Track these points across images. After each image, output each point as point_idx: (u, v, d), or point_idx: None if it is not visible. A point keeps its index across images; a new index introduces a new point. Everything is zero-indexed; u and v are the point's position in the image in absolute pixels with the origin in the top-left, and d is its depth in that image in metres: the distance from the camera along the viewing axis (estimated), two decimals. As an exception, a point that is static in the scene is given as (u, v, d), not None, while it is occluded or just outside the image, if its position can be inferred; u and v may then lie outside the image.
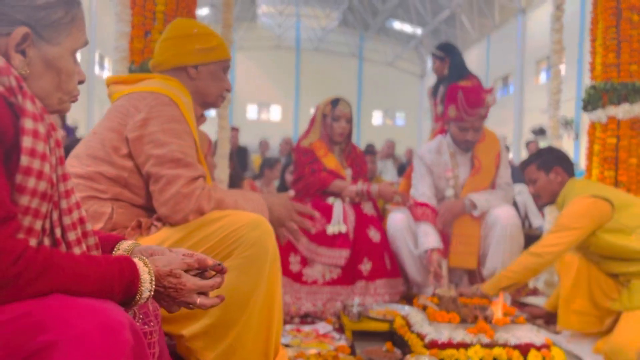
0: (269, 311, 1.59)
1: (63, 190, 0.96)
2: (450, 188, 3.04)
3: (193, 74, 1.83)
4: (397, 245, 3.03)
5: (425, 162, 3.11)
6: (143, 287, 0.96)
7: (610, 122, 3.11)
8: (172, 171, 1.60)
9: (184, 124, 1.68)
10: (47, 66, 0.99)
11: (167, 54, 1.83)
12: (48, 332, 0.79)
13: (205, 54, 1.83)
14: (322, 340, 2.35)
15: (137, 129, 1.64)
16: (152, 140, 1.62)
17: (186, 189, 1.60)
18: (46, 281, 0.84)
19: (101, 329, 0.80)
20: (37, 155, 0.88)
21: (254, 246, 1.54)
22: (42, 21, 0.97)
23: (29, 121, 0.88)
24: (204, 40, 1.84)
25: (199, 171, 1.65)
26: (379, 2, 22.48)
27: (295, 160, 3.23)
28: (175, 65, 1.82)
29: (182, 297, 1.03)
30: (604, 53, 3.13)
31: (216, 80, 1.87)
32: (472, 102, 2.92)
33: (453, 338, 2.14)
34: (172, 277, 1.02)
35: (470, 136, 3.00)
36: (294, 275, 2.89)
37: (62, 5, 0.99)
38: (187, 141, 1.67)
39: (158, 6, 3.12)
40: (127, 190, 1.66)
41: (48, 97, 1.00)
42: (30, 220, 0.90)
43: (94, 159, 1.66)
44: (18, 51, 0.95)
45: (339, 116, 3.13)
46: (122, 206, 1.65)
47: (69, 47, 1.01)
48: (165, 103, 1.67)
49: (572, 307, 2.50)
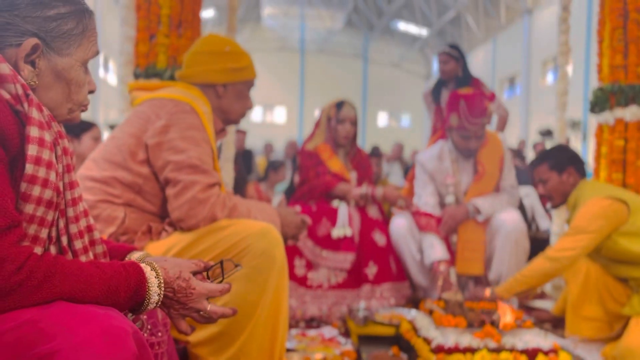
0: (275, 320, 1.59)
1: (70, 199, 0.96)
2: (451, 195, 3.00)
3: (221, 92, 1.86)
4: (400, 250, 3.01)
5: (426, 169, 3.06)
6: (151, 291, 0.96)
7: (618, 124, 3.08)
8: (190, 177, 1.63)
9: (203, 132, 1.71)
10: (56, 77, 0.98)
11: (198, 68, 1.86)
12: (50, 340, 0.78)
13: (235, 73, 1.86)
14: (327, 345, 2.34)
15: (157, 135, 1.66)
16: (171, 146, 1.65)
17: (202, 194, 1.62)
18: (50, 288, 0.84)
19: (104, 337, 0.80)
20: (43, 164, 0.88)
21: (261, 256, 1.55)
22: (53, 32, 0.96)
23: (35, 129, 0.88)
24: (235, 60, 1.86)
25: (215, 178, 1.67)
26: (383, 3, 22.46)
27: (300, 164, 3.23)
28: (204, 81, 1.85)
29: (192, 302, 1.02)
30: (611, 54, 3.10)
31: (241, 100, 1.90)
32: (474, 111, 2.85)
33: (460, 343, 2.12)
34: (181, 280, 1.01)
35: (473, 144, 2.95)
36: (299, 280, 2.88)
37: (74, 15, 0.98)
38: (205, 149, 1.69)
39: (163, 9, 3.11)
40: (140, 197, 1.69)
41: (58, 108, 1.00)
42: (36, 228, 0.90)
43: (110, 164, 1.69)
44: (27, 62, 0.94)
45: (344, 119, 3.12)
46: (134, 212, 1.68)
47: (79, 58, 1.00)
48: (186, 111, 1.70)
49: (581, 313, 2.46)
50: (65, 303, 0.85)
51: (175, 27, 3.13)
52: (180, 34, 3.14)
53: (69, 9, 0.98)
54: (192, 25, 3.25)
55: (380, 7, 22.93)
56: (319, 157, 3.15)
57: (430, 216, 2.98)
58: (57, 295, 0.85)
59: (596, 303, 2.45)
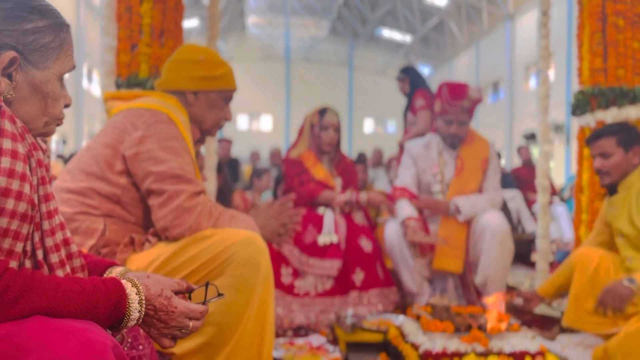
0: (261, 329, 1.58)
1: (45, 211, 0.95)
2: (437, 183, 3.05)
3: (191, 99, 1.83)
4: (393, 255, 2.99)
5: (411, 153, 3.14)
6: (131, 308, 0.94)
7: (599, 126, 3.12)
8: (175, 186, 1.61)
9: (182, 142, 1.68)
10: (33, 90, 0.97)
11: (171, 75, 1.85)
12: (28, 355, 0.77)
13: (206, 82, 1.83)
14: (315, 353, 2.32)
15: (135, 146, 1.63)
16: (150, 157, 1.62)
17: (188, 203, 1.60)
18: (27, 303, 0.83)
19: (82, 351, 0.78)
20: (16, 176, 0.87)
21: (246, 264, 1.54)
22: (30, 45, 0.96)
23: (7, 141, 0.86)
24: (207, 69, 1.83)
25: (200, 187, 1.65)
26: (367, 11, 22.60)
27: (284, 172, 3.22)
28: (175, 88, 1.83)
29: (174, 320, 1.00)
30: (591, 58, 3.14)
31: (214, 110, 1.86)
32: (454, 94, 2.97)
33: (447, 347, 2.12)
34: (163, 297, 0.99)
35: (455, 129, 3.01)
36: (286, 288, 2.87)
37: (51, 29, 0.99)
38: (186, 158, 1.67)
39: (144, 19, 3.10)
40: (119, 207, 1.66)
41: (33, 121, 0.99)
42: (10, 242, 0.88)
43: (87, 175, 1.66)
44: (5, 75, 0.94)
45: (327, 126, 3.12)
46: (114, 222, 1.65)
47: (56, 72, 1.00)
48: (163, 121, 1.68)
49: (583, 306, 2.35)
50: (43, 317, 0.83)
51: (157, 37, 3.11)
52: (163, 43, 3.12)
53: (46, 22, 0.98)
54: (174, 35, 3.24)
55: (365, 14, 23.08)
56: (303, 165, 3.14)
57: (404, 189, 3.03)
58: (34, 310, 0.83)
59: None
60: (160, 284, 1.02)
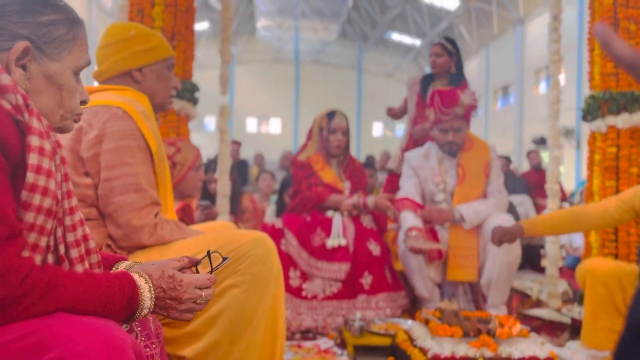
0: (273, 327, 1.59)
1: (67, 207, 0.97)
2: (441, 192, 3.03)
3: (138, 77, 1.76)
4: (406, 262, 2.96)
5: (411, 164, 3.13)
6: (143, 297, 0.98)
7: (610, 131, 3.10)
8: (121, 197, 1.56)
9: (138, 139, 1.62)
10: (48, 81, 1.00)
11: (109, 61, 1.76)
12: (52, 350, 0.79)
13: (148, 54, 1.77)
14: (323, 356, 2.32)
15: (92, 147, 1.59)
16: (105, 159, 1.58)
17: (137, 221, 1.57)
18: (51, 300, 0.86)
19: (105, 347, 0.81)
20: (43, 172, 0.89)
21: (259, 262, 1.55)
22: (44, 37, 0.98)
23: (35, 138, 0.89)
24: (144, 41, 1.77)
25: (149, 198, 1.60)
26: (377, 14, 22.60)
27: (293, 175, 3.23)
28: (119, 71, 1.75)
29: (185, 293, 1.04)
30: (602, 63, 3.13)
31: (162, 80, 1.80)
32: (446, 101, 2.96)
33: (456, 352, 2.12)
34: (167, 277, 1.03)
35: (451, 137, 3.00)
36: (294, 291, 2.87)
37: (64, 23, 1.01)
38: (140, 158, 1.61)
39: (156, 22, 3.12)
40: (95, 209, 1.61)
41: (50, 114, 1.01)
42: (36, 236, 0.91)
43: None
44: (19, 65, 0.96)
45: (336, 129, 3.12)
46: (93, 225, 1.60)
47: (70, 65, 1.02)
48: (118, 116, 1.61)
49: (599, 324, 2.33)
50: (66, 314, 0.86)
51: (169, 40, 3.13)
52: (174, 46, 3.14)
53: (59, 16, 1.01)
54: (185, 38, 3.27)
55: (374, 18, 23.08)
56: (311, 168, 3.15)
57: (407, 199, 3.02)
58: (58, 306, 0.86)
59: (618, 312, 2.31)
60: (159, 268, 1.05)
